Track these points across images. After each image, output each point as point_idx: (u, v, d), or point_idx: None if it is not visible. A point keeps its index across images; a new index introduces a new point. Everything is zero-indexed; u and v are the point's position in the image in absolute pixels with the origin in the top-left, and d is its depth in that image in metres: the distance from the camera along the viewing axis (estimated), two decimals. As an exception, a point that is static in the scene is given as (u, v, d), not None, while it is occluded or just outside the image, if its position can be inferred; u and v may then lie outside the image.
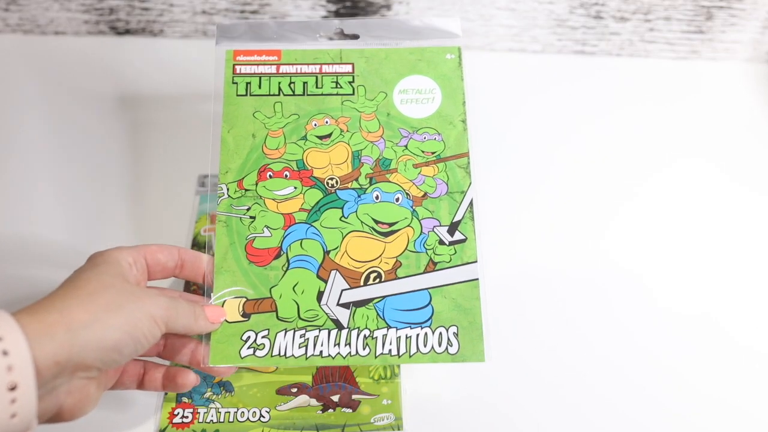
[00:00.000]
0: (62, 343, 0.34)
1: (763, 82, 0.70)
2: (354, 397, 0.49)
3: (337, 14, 0.68)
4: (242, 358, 0.43)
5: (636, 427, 0.49)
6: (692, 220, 0.60)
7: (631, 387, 0.51)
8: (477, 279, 0.45)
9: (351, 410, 0.48)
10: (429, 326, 0.44)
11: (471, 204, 0.47)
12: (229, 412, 0.48)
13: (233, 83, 0.50)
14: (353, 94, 0.50)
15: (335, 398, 0.48)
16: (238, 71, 0.51)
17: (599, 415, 0.50)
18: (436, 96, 0.50)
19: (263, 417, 0.48)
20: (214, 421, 0.48)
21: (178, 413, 0.48)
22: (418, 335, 0.44)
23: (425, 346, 0.44)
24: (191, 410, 0.48)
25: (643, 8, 0.67)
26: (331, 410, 0.48)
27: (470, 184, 0.48)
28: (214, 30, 0.52)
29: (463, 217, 0.47)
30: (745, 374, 0.52)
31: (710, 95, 0.69)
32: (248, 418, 0.48)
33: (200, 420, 0.48)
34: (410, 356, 0.43)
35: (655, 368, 0.52)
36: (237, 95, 0.50)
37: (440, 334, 0.44)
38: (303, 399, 0.48)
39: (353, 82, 0.50)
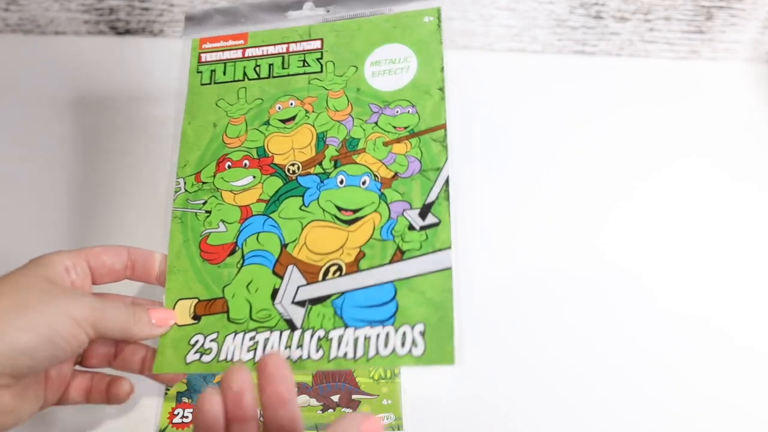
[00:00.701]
0: None
1: (763, 82, 0.70)
2: (354, 397, 0.49)
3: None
4: (187, 365, 0.40)
5: (635, 427, 0.49)
6: (692, 220, 0.60)
7: (631, 387, 0.51)
8: (450, 268, 0.39)
9: (351, 410, 0.48)
10: (392, 324, 0.38)
11: (447, 182, 0.41)
12: (229, 412, 0.48)
13: (198, 72, 0.48)
14: (321, 71, 0.46)
15: (335, 398, 0.48)
16: (203, 59, 0.48)
17: (599, 415, 0.50)
18: (411, 64, 0.45)
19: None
20: (214, 421, 0.48)
21: (178, 413, 0.48)
22: (378, 335, 0.38)
23: (386, 347, 0.38)
24: (191, 410, 0.48)
25: (643, 8, 0.67)
26: (331, 410, 0.48)
27: (446, 159, 0.42)
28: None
29: (437, 198, 0.41)
30: (745, 374, 0.51)
31: (710, 95, 0.69)
32: (248, 418, 0.48)
33: (200, 420, 0.48)
34: (368, 360, 0.38)
35: (655, 368, 0.52)
36: (201, 84, 0.47)
37: (404, 333, 0.38)
38: (303, 399, 0.48)
39: (321, 58, 0.46)
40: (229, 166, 0.45)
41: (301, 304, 0.40)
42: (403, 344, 0.38)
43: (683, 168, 0.63)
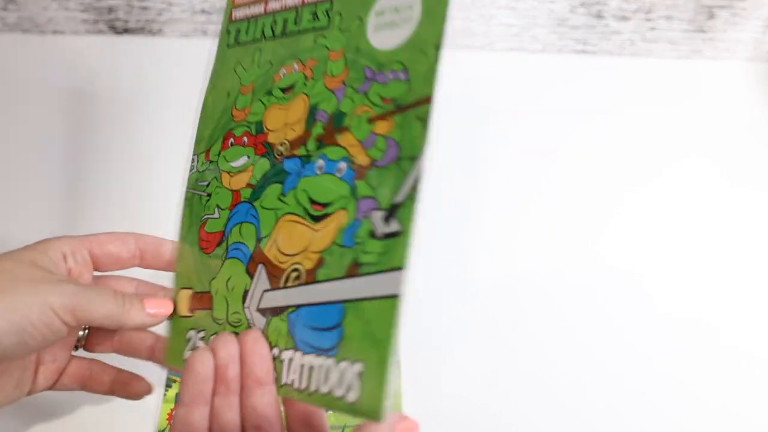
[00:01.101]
0: None
1: (764, 82, 0.70)
2: (353, 398, 0.48)
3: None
4: (184, 362, 0.36)
5: None
6: (693, 221, 0.60)
7: (631, 391, 0.51)
8: (397, 296, 0.29)
9: (350, 412, 0.48)
10: (334, 356, 0.31)
11: (419, 179, 0.31)
12: (229, 414, 0.48)
13: (227, 33, 0.42)
14: (328, 26, 0.38)
15: (335, 400, 0.48)
16: (233, 17, 0.42)
17: (598, 419, 0.49)
18: (414, 13, 0.34)
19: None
20: (213, 422, 0.47)
21: (177, 415, 0.48)
22: (321, 367, 0.32)
23: (326, 383, 0.31)
24: (190, 412, 0.48)
25: (645, 7, 0.67)
26: (331, 410, 0.48)
27: (425, 145, 0.31)
28: (214, 29, 0.47)
29: (405, 198, 0.31)
30: (745, 380, 0.51)
31: (711, 95, 0.69)
32: (247, 420, 0.47)
33: (199, 421, 0.47)
34: (309, 394, 0.32)
35: (655, 373, 0.51)
36: (227, 46, 0.42)
37: (343, 371, 0.31)
38: (302, 400, 0.48)
39: (331, 9, 0.38)
40: (231, 144, 0.40)
41: (263, 312, 0.35)
42: (340, 384, 0.31)
43: (684, 167, 0.63)
